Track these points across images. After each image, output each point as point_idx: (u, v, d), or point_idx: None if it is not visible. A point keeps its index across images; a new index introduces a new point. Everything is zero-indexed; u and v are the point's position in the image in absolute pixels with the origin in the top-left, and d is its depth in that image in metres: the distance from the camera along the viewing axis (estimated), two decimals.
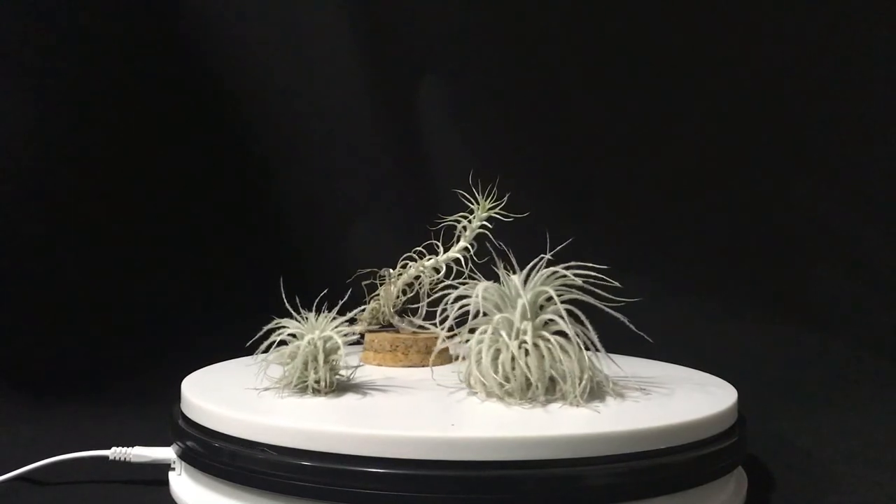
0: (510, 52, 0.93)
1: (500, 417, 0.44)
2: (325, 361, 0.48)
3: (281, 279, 0.50)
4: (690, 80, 0.88)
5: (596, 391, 0.48)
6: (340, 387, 0.50)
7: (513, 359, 0.47)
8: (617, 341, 0.49)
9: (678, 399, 0.49)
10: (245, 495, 0.44)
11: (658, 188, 0.90)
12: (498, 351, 0.47)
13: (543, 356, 0.46)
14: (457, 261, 0.57)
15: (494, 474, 0.39)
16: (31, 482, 0.54)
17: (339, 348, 0.48)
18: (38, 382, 0.78)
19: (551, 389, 0.47)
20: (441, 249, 0.58)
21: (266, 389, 0.49)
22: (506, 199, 0.57)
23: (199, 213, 0.95)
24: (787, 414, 0.68)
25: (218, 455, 0.45)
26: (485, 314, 0.49)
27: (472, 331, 0.49)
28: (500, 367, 0.47)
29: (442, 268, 0.58)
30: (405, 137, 0.95)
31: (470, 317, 0.49)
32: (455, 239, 0.58)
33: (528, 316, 0.48)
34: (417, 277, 0.59)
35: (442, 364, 0.59)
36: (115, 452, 0.53)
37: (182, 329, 0.89)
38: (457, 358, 0.59)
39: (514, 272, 0.50)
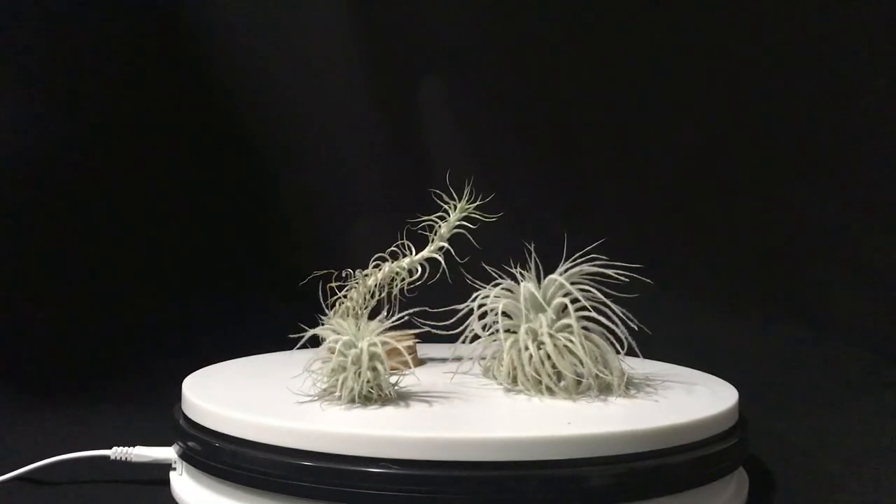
0: (511, 52, 0.93)
1: (576, 414, 0.45)
2: (384, 367, 0.47)
3: (320, 285, 0.49)
4: (691, 81, 0.88)
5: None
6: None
7: (562, 355, 0.48)
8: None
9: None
10: (245, 495, 0.44)
11: (658, 188, 0.90)
12: (539, 349, 0.48)
13: (579, 353, 0.48)
14: (433, 261, 0.57)
15: (494, 474, 0.40)
16: (31, 482, 0.54)
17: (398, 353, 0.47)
18: (39, 382, 0.78)
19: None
20: (413, 250, 0.57)
21: (324, 400, 0.47)
22: (482, 199, 0.56)
23: (199, 213, 0.95)
24: (787, 414, 0.68)
25: (219, 455, 0.45)
26: (506, 315, 0.50)
27: (507, 331, 0.50)
28: (544, 363, 0.48)
29: (417, 269, 0.57)
30: (405, 137, 0.95)
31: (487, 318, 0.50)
32: (430, 239, 0.57)
33: (570, 314, 0.49)
34: (391, 279, 0.57)
35: (419, 366, 0.59)
36: (116, 452, 0.53)
37: (182, 329, 0.89)
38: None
39: (537, 273, 0.51)
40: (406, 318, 0.50)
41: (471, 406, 0.47)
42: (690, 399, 0.49)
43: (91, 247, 0.87)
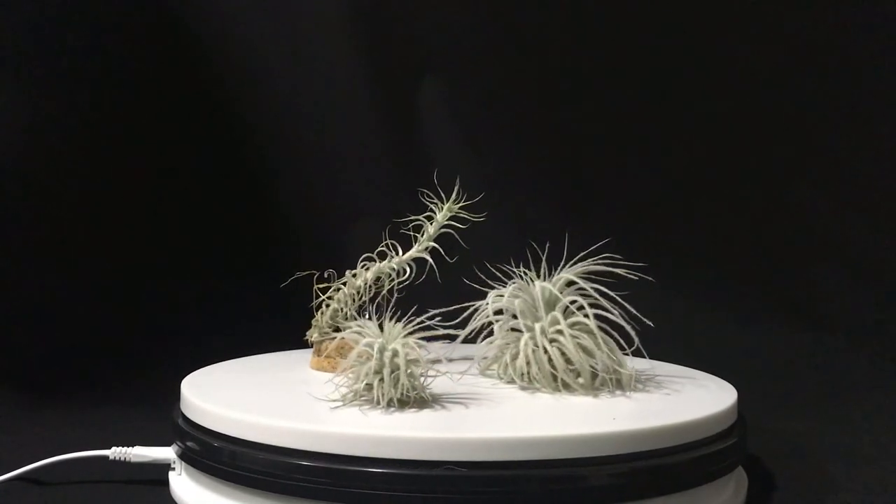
0: (511, 52, 0.93)
1: (609, 409, 0.46)
2: (420, 370, 0.46)
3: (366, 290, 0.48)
4: (691, 81, 0.88)
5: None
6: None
7: (578, 352, 0.49)
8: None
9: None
10: (245, 496, 0.44)
11: (658, 188, 0.90)
12: (553, 344, 0.50)
13: (603, 349, 0.49)
14: (421, 261, 0.56)
15: (494, 474, 0.40)
16: (31, 482, 0.54)
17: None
18: (38, 382, 0.78)
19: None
20: (400, 250, 0.57)
21: (361, 405, 0.46)
22: (474, 198, 0.56)
23: (199, 213, 0.95)
24: (786, 414, 0.68)
25: (218, 455, 0.45)
26: (513, 315, 0.52)
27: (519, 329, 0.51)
28: (557, 360, 0.49)
29: (406, 269, 0.57)
30: (406, 138, 0.95)
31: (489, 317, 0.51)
32: (415, 239, 0.57)
33: (586, 311, 0.50)
34: (378, 279, 0.57)
35: None
36: (115, 452, 0.53)
37: (182, 329, 0.89)
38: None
39: (539, 273, 0.52)
40: (427, 321, 0.49)
41: (507, 406, 0.47)
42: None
43: (91, 247, 0.87)
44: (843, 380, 0.76)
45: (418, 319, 0.48)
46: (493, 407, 0.46)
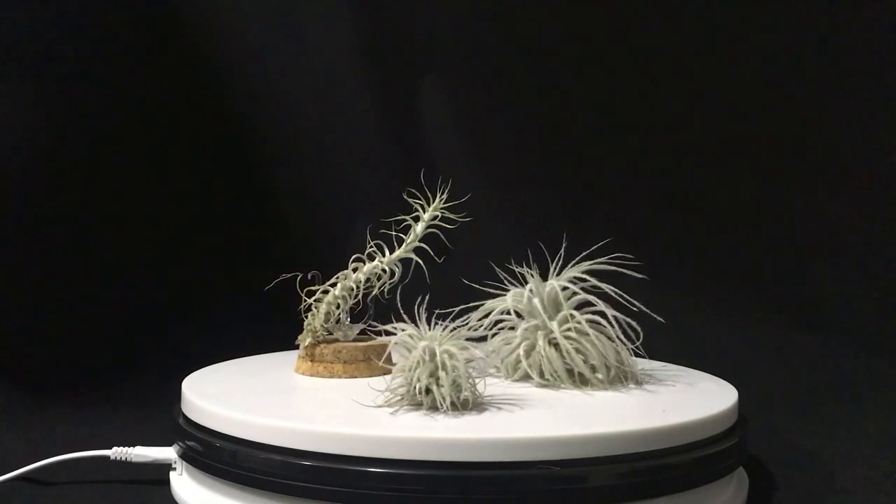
0: (512, 51, 0.93)
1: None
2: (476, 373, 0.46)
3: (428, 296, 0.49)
4: (691, 81, 0.88)
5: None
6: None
7: (596, 348, 0.50)
8: None
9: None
10: (245, 495, 0.44)
11: (658, 187, 0.90)
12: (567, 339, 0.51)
13: (618, 344, 0.51)
14: (408, 261, 0.56)
15: (494, 474, 0.40)
16: (31, 482, 0.54)
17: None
18: (38, 382, 0.78)
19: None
20: (387, 250, 0.56)
21: (423, 410, 0.45)
22: (467, 198, 0.56)
23: (199, 213, 0.95)
24: (787, 414, 0.68)
25: (219, 455, 0.45)
26: (517, 314, 0.53)
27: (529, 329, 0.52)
28: (574, 356, 0.50)
29: (395, 269, 0.56)
30: (406, 137, 0.95)
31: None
32: (403, 240, 0.57)
33: (601, 309, 0.52)
34: (367, 280, 0.57)
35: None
36: (116, 452, 0.53)
37: (182, 329, 0.89)
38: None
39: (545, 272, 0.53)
40: (455, 326, 0.49)
41: (556, 406, 0.47)
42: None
43: (91, 247, 0.87)
44: (843, 380, 0.75)
45: (453, 325, 0.48)
46: (546, 407, 0.46)
